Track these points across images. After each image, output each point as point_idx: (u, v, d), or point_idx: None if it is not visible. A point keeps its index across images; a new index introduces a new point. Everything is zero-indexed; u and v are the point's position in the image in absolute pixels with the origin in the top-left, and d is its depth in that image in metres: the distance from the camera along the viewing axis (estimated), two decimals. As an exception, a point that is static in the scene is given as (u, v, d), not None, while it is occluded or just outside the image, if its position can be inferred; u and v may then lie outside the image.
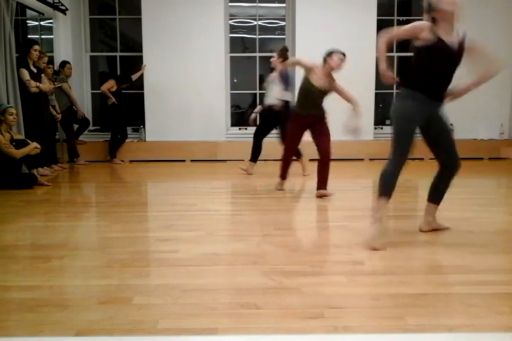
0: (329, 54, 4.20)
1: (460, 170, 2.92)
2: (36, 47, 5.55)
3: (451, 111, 3.38)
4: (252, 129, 7.69)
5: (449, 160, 2.89)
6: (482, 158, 7.16)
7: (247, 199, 4.30)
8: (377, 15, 7.21)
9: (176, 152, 7.18)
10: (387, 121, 7.94)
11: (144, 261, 2.50)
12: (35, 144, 5.00)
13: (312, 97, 4.26)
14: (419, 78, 2.73)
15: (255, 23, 7.64)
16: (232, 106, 7.86)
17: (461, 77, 2.93)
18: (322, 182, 4.28)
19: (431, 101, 2.75)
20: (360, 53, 7.20)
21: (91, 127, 7.48)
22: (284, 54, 5.47)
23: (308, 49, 7.22)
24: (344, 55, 4.21)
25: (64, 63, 6.71)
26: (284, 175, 4.69)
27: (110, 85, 6.87)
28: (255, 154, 5.87)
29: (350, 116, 4.08)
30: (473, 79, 2.93)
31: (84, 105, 7.54)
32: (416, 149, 2.86)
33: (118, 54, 7.79)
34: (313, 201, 4.18)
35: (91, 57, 7.75)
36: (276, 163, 5.09)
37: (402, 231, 3.13)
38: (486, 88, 7.87)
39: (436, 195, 2.99)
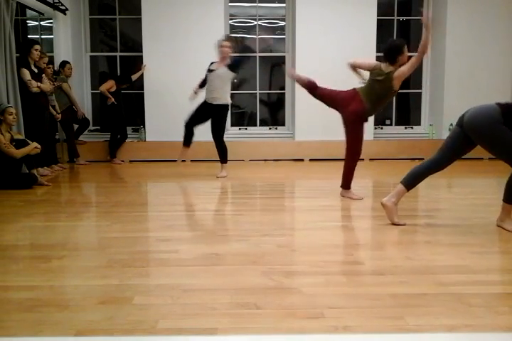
0: (400, 51, 3.80)
1: None
2: (37, 46, 5.55)
3: (452, 111, 3.39)
4: (252, 129, 7.73)
5: None
6: (482, 158, 7.16)
7: (247, 199, 4.30)
8: (377, 15, 7.22)
9: (176, 152, 7.14)
10: (387, 121, 7.94)
11: (144, 261, 2.50)
12: (35, 144, 5.00)
13: (386, 101, 4.07)
14: None
15: (255, 23, 7.64)
16: (232, 106, 7.85)
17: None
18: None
19: None
20: (360, 53, 7.21)
21: (91, 127, 7.48)
22: (235, 42, 5.44)
23: (308, 49, 7.24)
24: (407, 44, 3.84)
25: (64, 63, 6.71)
26: (349, 185, 4.27)
27: (109, 85, 6.87)
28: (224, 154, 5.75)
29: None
30: None
31: (84, 105, 7.55)
32: (416, 149, 2.87)
33: (118, 54, 7.79)
34: (313, 201, 4.18)
35: (91, 57, 7.75)
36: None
37: (402, 231, 3.13)
38: (485, 88, 7.89)
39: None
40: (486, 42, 7.30)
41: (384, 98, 4.00)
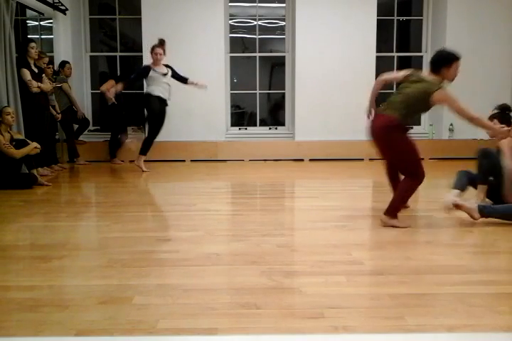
0: (448, 62, 3.25)
1: None
2: (32, 44, 5.53)
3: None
4: (252, 129, 7.73)
5: None
6: (482, 158, 7.16)
7: (247, 199, 4.30)
8: (377, 15, 7.21)
9: (176, 152, 7.18)
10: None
11: (144, 261, 2.50)
12: (35, 144, 5.00)
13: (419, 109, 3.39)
14: None
15: (255, 23, 7.64)
16: (232, 106, 7.86)
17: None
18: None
19: None
20: (360, 53, 7.20)
21: (91, 127, 7.47)
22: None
23: (308, 49, 7.23)
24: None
25: (64, 63, 6.71)
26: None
27: (110, 85, 6.87)
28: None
29: None
30: None
31: (84, 105, 7.53)
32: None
33: (118, 54, 7.79)
34: (313, 201, 4.18)
35: (91, 57, 7.74)
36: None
37: (402, 231, 3.13)
38: (485, 88, 7.86)
39: None
40: (485, 42, 7.29)
41: (417, 105, 3.28)
